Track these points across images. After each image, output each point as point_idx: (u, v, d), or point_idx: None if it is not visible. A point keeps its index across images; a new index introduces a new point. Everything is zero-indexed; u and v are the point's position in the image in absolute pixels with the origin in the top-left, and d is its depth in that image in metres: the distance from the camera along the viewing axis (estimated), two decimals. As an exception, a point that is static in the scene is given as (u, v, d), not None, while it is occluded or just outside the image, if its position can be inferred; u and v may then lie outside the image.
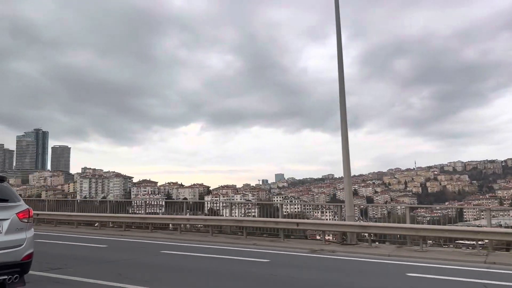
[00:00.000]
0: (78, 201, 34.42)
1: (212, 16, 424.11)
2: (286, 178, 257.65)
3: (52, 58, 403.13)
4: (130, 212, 26.29)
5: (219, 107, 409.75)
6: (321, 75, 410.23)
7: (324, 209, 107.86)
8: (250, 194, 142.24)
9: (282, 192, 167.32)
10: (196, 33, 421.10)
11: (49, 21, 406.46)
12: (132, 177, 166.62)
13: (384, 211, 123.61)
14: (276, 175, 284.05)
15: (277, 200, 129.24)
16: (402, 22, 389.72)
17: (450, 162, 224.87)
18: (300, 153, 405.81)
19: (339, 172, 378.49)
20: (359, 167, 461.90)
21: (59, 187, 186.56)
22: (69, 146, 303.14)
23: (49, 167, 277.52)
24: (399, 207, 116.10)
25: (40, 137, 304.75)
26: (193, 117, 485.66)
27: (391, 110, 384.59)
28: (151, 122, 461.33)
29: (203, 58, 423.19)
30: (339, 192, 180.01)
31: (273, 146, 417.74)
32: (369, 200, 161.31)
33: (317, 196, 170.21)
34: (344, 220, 17.72)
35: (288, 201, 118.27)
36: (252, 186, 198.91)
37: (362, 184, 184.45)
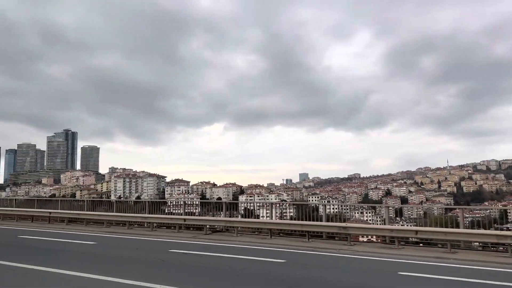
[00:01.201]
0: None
1: (237, 16, 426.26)
2: (310, 178, 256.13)
3: (80, 61, 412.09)
4: (166, 212, 25.77)
5: (242, 107, 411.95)
6: (345, 73, 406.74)
7: (364, 210, 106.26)
8: (284, 194, 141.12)
9: (317, 192, 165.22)
10: (221, 33, 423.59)
11: (78, 24, 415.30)
12: (165, 177, 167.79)
13: (420, 211, 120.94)
14: (300, 175, 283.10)
15: (312, 200, 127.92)
16: (430, 18, 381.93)
17: (483, 161, 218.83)
18: (322, 152, 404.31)
19: (364, 171, 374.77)
20: (384, 166, 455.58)
21: (92, 186, 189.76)
22: (98, 147, 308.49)
23: (78, 166, 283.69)
24: (435, 207, 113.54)
25: (70, 137, 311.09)
26: (216, 117, 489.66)
27: (416, 108, 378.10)
28: (175, 123, 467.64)
29: (227, 58, 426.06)
30: (371, 192, 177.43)
31: (295, 146, 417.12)
32: (404, 200, 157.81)
33: (348, 196, 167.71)
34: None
35: (326, 201, 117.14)
36: (277, 185, 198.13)
37: (395, 184, 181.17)
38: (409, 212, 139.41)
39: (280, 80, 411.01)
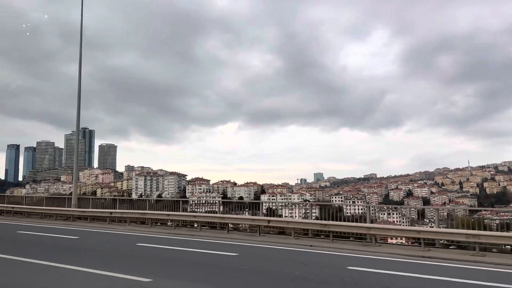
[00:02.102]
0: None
1: (253, 16, 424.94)
2: (325, 178, 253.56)
3: (98, 60, 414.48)
4: (188, 210, 25.48)
5: (257, 106, 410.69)
6: (361, 73, 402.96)
7: (391, 211, 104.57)
8: (307, 194, 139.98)
9: (340, 193, 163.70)
10: (237, 33, 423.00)
11: (96, 24, 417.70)
12: (186, 175, 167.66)
13: (443, 212, 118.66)
14: (315, 174, 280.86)
15: (335, 200, 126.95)
16: (448, 17, 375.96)
17: (504, 162, 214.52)
18: (336, 152, 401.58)
19: (379, 171, 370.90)
20: (399, 166, 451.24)
21: (112, 184, 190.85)
22: (115, 145, 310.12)
23: (95, 165, 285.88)
24: (458, 208, 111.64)
25: (87, 135, 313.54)
26: (231, 117, 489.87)
27: (433, 108, 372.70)
28: (190, 122, 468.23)
29: (243, 58, 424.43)
30: (392, 193, 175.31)
31: (310, 145, 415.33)
32: (426, 201, 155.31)
33: (368, 196, 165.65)
34: None
35: (351, 202, 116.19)
36: (291, 184, 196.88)
37: (416, 185, 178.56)
38: (431, 214, 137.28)
39: (295, 80, 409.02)
